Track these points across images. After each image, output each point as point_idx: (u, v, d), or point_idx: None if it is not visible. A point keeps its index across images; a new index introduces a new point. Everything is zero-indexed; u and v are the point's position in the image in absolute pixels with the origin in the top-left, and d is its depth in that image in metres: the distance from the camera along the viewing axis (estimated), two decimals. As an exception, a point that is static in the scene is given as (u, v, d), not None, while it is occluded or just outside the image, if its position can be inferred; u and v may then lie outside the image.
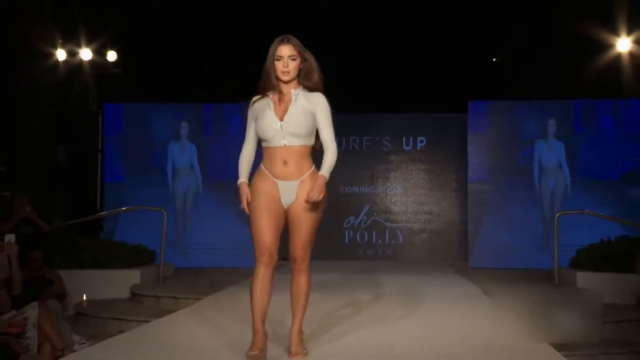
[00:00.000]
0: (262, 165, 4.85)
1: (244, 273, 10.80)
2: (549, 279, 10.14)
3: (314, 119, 4.76)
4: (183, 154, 13.00)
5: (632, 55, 12.00)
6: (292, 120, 4.71)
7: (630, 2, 11.81)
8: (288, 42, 4.74)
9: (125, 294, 9.69)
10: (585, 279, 9.68)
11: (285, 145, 4.73)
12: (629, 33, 11.91)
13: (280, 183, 4.75)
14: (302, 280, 4.86)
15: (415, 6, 15.11)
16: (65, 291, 9.13)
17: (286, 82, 4.78)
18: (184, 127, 12.97)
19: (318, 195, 4.64)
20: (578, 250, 10.39)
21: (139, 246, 10.78)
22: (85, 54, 12.94)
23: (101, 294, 9.52)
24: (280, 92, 4.79)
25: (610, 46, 12.11)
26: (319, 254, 4.92)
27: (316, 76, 4.83)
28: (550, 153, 12.54)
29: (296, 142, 4.74)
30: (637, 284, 8.94)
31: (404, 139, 13.76)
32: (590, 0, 12.35)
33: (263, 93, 4.83)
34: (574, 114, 12.62)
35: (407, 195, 13.83)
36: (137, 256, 10.58)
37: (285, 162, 4.74)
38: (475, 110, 12.90)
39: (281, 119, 4.71)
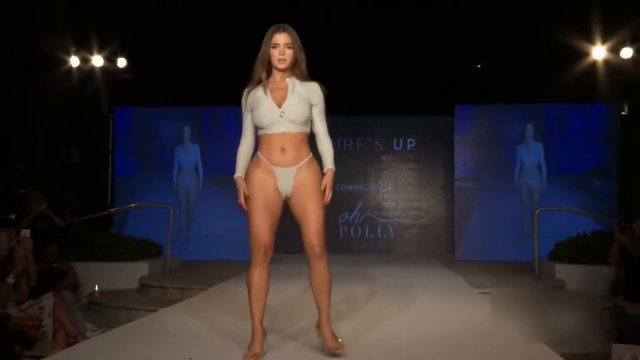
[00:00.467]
0: (259, 153, 4.63)
1: (245, 265, 10.87)
2: (530, 270, 10.18)
3: (310, 108, 4.59)
4: (188, 156, 13.04)
5: (606, 62, 12.01)
6: (291, 108, 4.49)
7: (605, 13, 11.83)
8: (284, 30, 4.54)
9: (134, 285, 9.71)
10: (563, 270, 9.74)
11: (284, 132, 4.50)
12: (603, 42, 11.92)
13: (277, 170, 4.53)
14: (321, 270, 4.56)
15: (407, 17, 15.10)
16: (78, 282, 9.15)
17: (281, 70, 4.56)
18: (187, 131, 13.03)
19: (330, 190, 4.56)
20: (557, 243, 10.44)
21: (147, 240, 10.79)
22: (97, 60, 12.92)
23: (112, 285, 9.56)
24: (274, 81, 4.59)
25: (587, 54, 12.13)
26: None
27: (304, 66, 4.62)
28: (530, 155, 12.64)
29: (294, 129, 4.52)
30: (611, 274, 9.00)
31: (394, 140, 13.78)
32: (568, 11, 12.36)
33: (257, 83, 4.60)
34: (547, 117, 12.75)
35: (398, 193, 13.84)
36: (145, 250, 10.59)
37: (283, 149, 4.52)
38: (461, 113, 12.94)
39: (279, 106, 4.49)
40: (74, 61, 12.27)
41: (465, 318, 6.28)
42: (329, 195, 4.52)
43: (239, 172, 4.64)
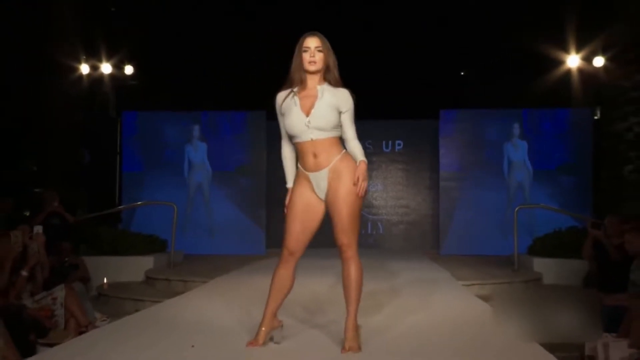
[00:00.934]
0: (298, 163, 4.52)
1: (246, 259, 10.89)
2: (510, 264, 10.19)
3: (339, 115, 4.40)
4: (197, 152, 13.11)
5: (580, 70, 12.06)
6: (319, 115, 4.34)
7: (579, 25, 11.87)
8: (314, 34, 4.42)
9: (140, 277, 9.70)
10: (540, 264, 9.77)
11: (312, 140, 4.37)
12: (577, 51, 11.96)
13: (312, 176, 4.41)
14: (350, 268, 4.37)
15: (396, 24, 15.11)
16: (88, 275, 9.15)
17: (313, 73, 4.41)
18: (196, 129, 13.12)
19: (363, 179, 4.30)
20: (534, 238, 10.46)
21: (152, 236, 10.77)
22: (106, 68, 12.92)
23: (119, 278, 9.54)
24: (305, 87, 4.44)
25: (562, 62, 12.17)
26: (315, 242, 4.74)
27: (337, 73, 4.47)
28: (517, 151, 12.71)
29: (323, 136, 4.36)
30: (583, 267, 9.05)
31: (383, 142, 13.83)
32: (545, 22, 12.39)
33: (290, 86, 4.46)
34: (523, 120, 12.79)
35: (387, 192, 13.88)
36: (150, 244, 10.58)
37: (315, 155, 4.37)
38: (446, 117, 13.01)
39: (307, 114, 4.35)
40: (84, 69, 12.28)
41: (450, 308, 6.30)
42: (362, 187, 4.29)
43: (289, 183, 4.57)
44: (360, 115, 4.60)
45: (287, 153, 4.60)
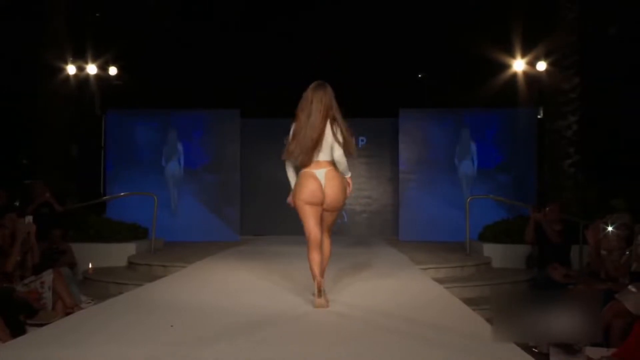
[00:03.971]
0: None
1: (220, 246, 10.84)
2: (462, 249, 10.27)
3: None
4: (173, 151, 12.97)
5: (525, 74, 12.16)
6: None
7: (524, 32, 11.98)
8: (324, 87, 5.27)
9: (123, 262, 9.63)
10: (489, 249, 9.85)
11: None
12: (523, 56, 12.06)
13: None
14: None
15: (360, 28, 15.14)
16: (75, 260, 9.10)
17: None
18: (172, 131, 12.99)
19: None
20: (484, 226, 10.53)
21: (135, 224, 10.70)
22: (91, 69, 12.74)
23: (104, 263, 9.50)
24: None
25: (509, 66, 12.26)
26: (283, 230, 4.84)
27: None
28: (466, 149, 12.81)
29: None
30: (526, 251, 9.20)
31: (348, 138, 13.79)
32: (493, 29, 12.48)
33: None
34: (472, 120, 12.94)
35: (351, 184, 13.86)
36: (133, 232, 10.51)
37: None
38: (405, 115, 13.02)
39: None
40: (71, 69, 12.12)
41: (409, 290, 6.32)
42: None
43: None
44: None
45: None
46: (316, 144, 5.13)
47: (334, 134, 5.17)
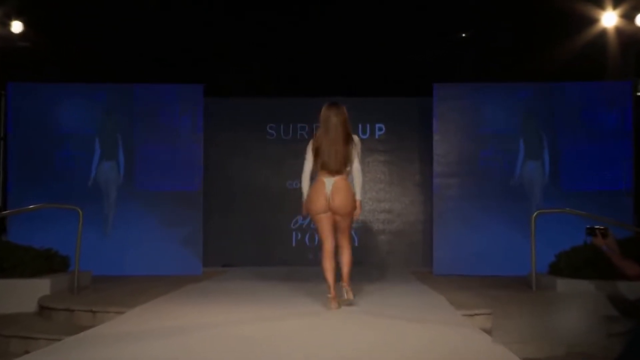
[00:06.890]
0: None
1: (174, 282, 10.75)
2: (526, 286, 10.17)
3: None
4: (107, 146, 12.91)
5: (618, 30, 12.14)
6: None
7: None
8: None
9: (32, 307, 9.50)
10: (565, 285, 9.68)
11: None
12: (615, 6, 12.04)
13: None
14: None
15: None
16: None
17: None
18: (110, 116, 12.93)
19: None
20: (558, 253, 10.40)
21: (50, 250, 10.60)
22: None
23: (3, 308, 9.36)
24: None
25: (594, 20, 12.25)
26: (263, 259, 4.72)
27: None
28: (533, 143, 12.69)
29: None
30: (627, 290, 9.06)
31: (360, 126, 13.71)
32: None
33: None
34: (540, 99, 12.84)
35: (364, 191, 13.78)
36: (47, 262, 10.41)
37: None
38: (442, 93, 12.79)
39: None
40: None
41: (448, 344, 6.29)
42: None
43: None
44: (331, 92, 4.60)
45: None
46: (336, 154, 7.91)
47: (352, 147, 7.97)
